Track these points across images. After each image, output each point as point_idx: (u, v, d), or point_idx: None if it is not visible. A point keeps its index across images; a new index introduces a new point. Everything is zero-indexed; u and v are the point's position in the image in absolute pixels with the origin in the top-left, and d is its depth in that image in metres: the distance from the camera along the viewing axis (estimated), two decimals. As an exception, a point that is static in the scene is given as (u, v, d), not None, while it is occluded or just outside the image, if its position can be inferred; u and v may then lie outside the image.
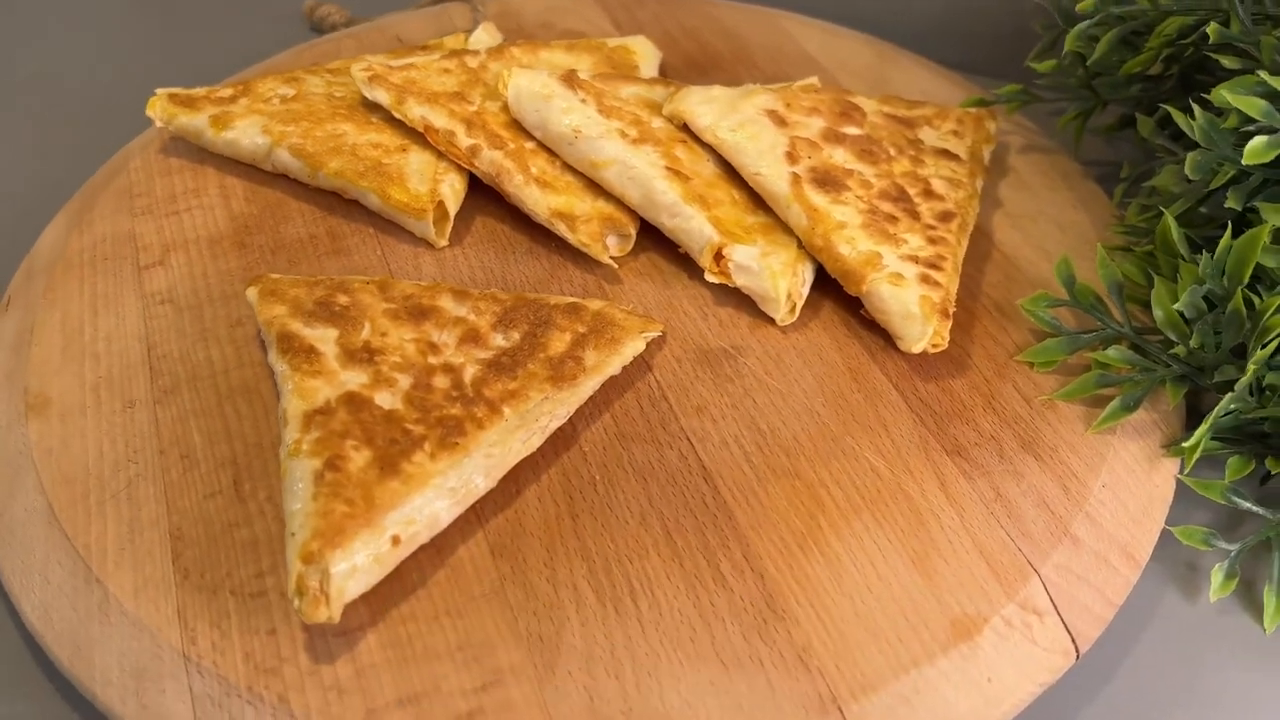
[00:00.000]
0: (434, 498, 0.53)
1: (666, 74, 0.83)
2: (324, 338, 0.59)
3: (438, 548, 0.54)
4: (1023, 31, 0.80)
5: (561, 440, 0.59)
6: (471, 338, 0.60)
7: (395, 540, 0.51)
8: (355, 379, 0.57)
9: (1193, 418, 0.61)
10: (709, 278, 0.65)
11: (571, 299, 0.63)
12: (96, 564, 0.54)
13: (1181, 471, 0.59)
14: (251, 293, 0.62)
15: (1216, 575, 0.57)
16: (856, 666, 0.50)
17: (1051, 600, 0.53)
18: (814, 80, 0.76)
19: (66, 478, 0.58)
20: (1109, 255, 0.62)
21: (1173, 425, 0.61)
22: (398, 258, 0.69)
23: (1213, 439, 0.60)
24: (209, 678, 0.50)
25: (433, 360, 0.59)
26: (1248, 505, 0.58)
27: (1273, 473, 0.58)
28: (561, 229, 0.67)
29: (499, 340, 0.60)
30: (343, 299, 0.61)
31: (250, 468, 0.58)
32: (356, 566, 0.50)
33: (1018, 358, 0.63)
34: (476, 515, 0.55)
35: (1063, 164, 0.76)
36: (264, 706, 0.49)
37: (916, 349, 0.61)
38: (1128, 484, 0.58)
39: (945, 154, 0.70)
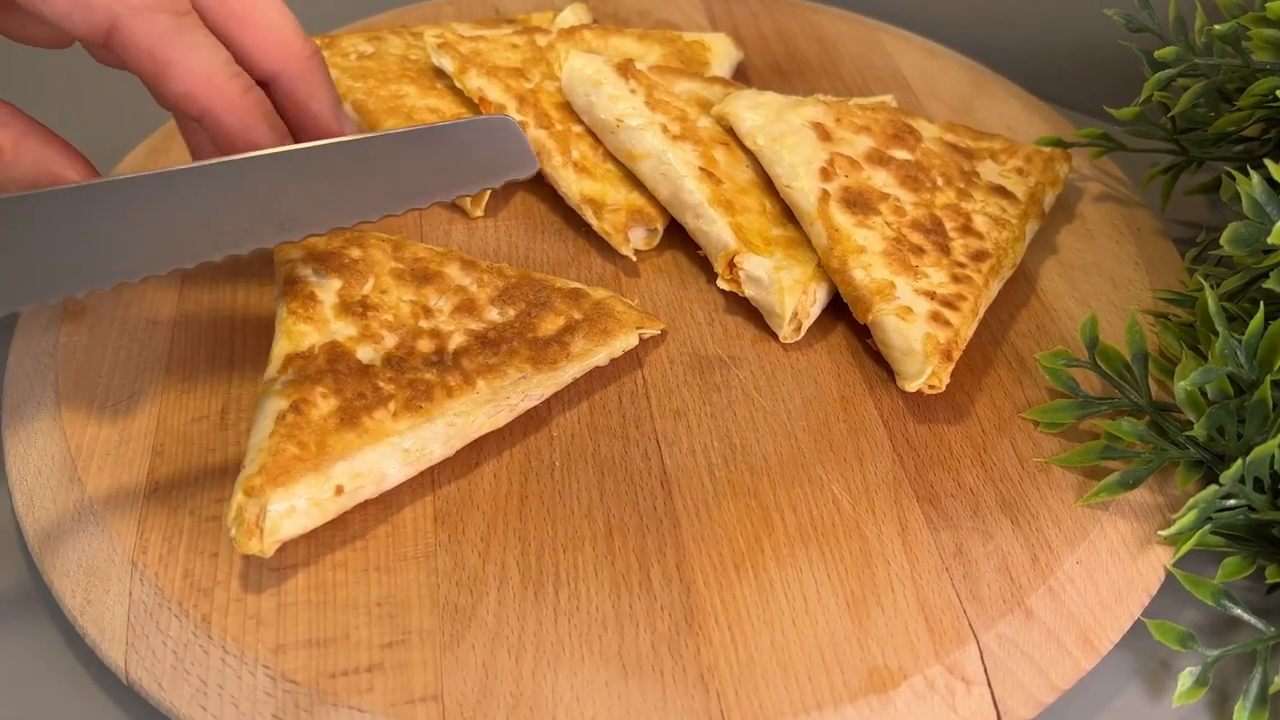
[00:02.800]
0: (386, 455, 0.55)
1: (746, 75, 0.84)
2: (327, 287, 0.62)
3: (385, 504, 0.57)
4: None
5: (533, 421, 0.60)
6: (467, 308, 0.62)
7: (339, 490, 0.54)
8: (344, 330, 0.60)
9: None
10: (720, 284, 0.65)
11: (576, 285, 0.64)
12: (82, 465, 0.59)
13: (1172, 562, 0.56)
14: None
15: (1184, 679, 0.54)
16: (757, 696, 0.50)
17: (985, 670, 0.52)
18: (888, 98, 0.75)
19: (79, 383, 0.62)
20: (1145, 321, 0.60)
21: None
22: (431, 222, 0.72)
23: (1217, 533, 0.56)
24: (149, 586, 0.54)
25: (423, 324, 0.61)
26: (1238, 612, 0.55)
27: (1269, 581, 0.55)
28: (588, 214, 0.69)
29: (493, 314, 0.62)
30: (355, 252, 0.64)
31: (240, 400, 0.61)
32: (295, 508, 0.53)
33: (1023, 414, 0.61)
34: (431, 480, 0.58)
35: (1140, 219, 0.73)
36: (188, 622, 0.52)
37: (911, 387, 0.60)
38: (1106, 565, 0.56)
39: (1000, 191, 0.68)
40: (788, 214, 0.67)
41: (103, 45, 0.53)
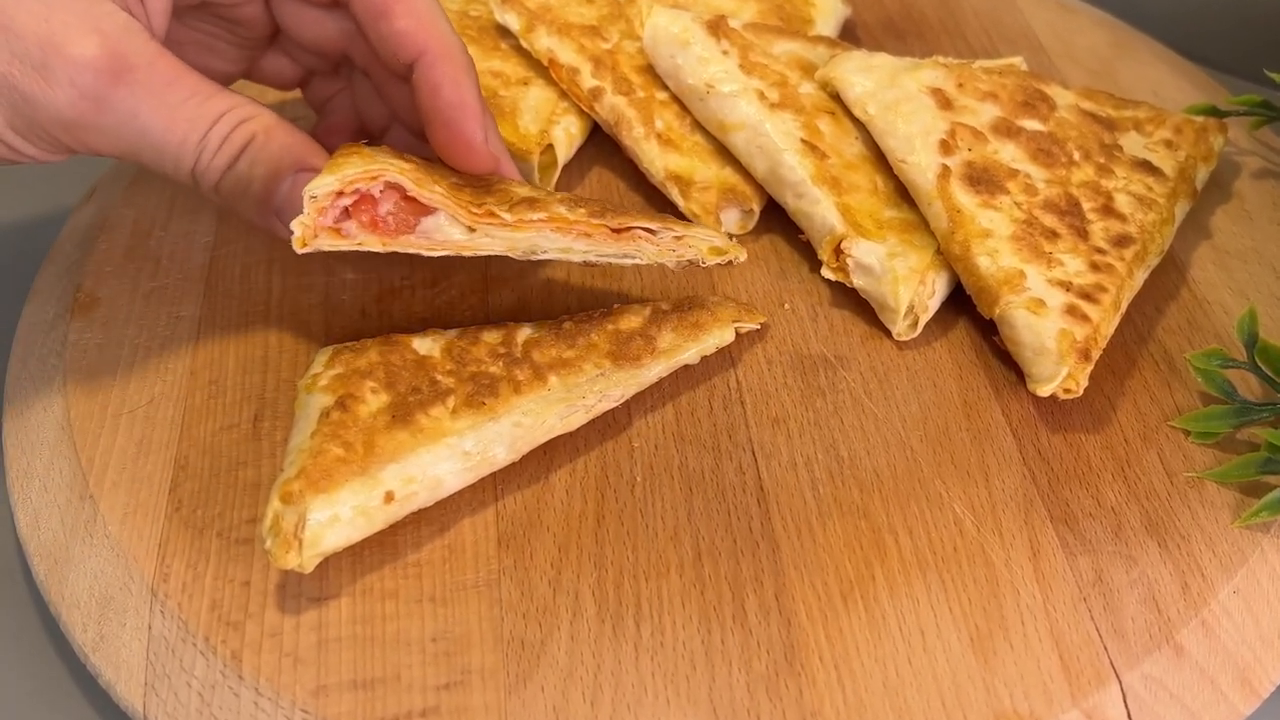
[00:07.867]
0: (444, 458, 0.56)
1: (855, 34, 0.85)
2: None
3: (442, 525, 0.58)
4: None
5: (610, 429, 0.61)
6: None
7: (389, 497, 0.55)
8: None
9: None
10: (825, 273, 0.66)
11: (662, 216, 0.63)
12: (94, 480, 0.60)
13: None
14: None
15: (1361, 728, 0.54)
16: (867, 745, 0.51)
17: (1128, 715, 0.52)
18: (1017, 60, 0.76)
19: (91, 386, 0.64)
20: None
21: (1356, 536, 0.58)
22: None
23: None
24: (170, 619, 0.55)
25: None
26: None
27: None
28: (674, 193, 0.70)
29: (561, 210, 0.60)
30: None
31: (275, 404, 0.63)
32: (339, 517, 0.54)
33: (1172, 423, 0.61)
34: (494, 496, 0.59)
35: (1306, 199, 0.73)
36: (215, 660, 0.53)
37: (1044, 391, 0.60)
38: (1268, 595, 0.56)
39: (1145, 166, 0.68)
40: (902, 193, 0.68)
41: None
